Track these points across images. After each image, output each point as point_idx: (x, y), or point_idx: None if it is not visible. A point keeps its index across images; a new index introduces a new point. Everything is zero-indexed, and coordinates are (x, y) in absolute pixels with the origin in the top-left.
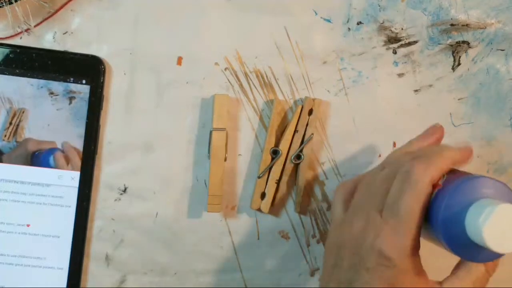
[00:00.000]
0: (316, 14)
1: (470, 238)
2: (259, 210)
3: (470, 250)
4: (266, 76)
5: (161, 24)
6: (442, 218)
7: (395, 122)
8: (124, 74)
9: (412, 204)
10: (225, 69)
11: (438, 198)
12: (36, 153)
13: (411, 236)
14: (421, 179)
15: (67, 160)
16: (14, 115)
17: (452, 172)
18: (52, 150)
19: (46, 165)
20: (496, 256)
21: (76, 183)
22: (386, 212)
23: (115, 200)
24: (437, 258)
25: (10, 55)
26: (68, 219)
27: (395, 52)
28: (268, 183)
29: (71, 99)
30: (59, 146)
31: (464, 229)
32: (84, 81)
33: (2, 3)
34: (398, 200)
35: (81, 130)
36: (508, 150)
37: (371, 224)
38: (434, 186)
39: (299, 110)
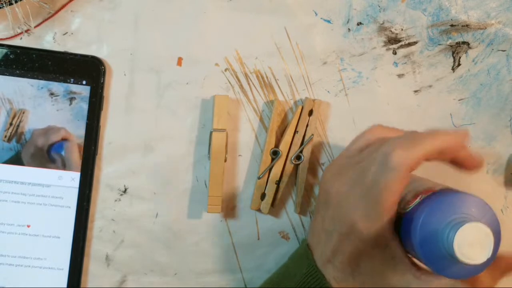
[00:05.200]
0: (316, 14)
1: (446, 255)
2: (259, 210)
3: (448, 267)
4: (266, 77)
5: (161, 25)
6: (420, 235)
7: (395, 123)
8: (124, 74)
9: (387, 195)
10: (225, 69)
11: (416, 213)
12: (50, 147)
13: (385, 224)
14: (399, 167)
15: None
16: (14, 115)
17: (432, 187)
18: (64, 144)
19: (58, 157)
20: (472, 272)
21: (76, 183)
22: (365, 194)
23: (115, 200)
24: None
25: (11, 56)
26: (68, 219)
27: (395, 53)
28: (268, 183)
29: (71, 99)
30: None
31: (440, 246)
32: (84, 82)
33: (2, 4)
34: (374, 188)
35: (82, 131)
36: (508, 151)
37: (352, 197)
38: (416, 195)
39: (299, 110)
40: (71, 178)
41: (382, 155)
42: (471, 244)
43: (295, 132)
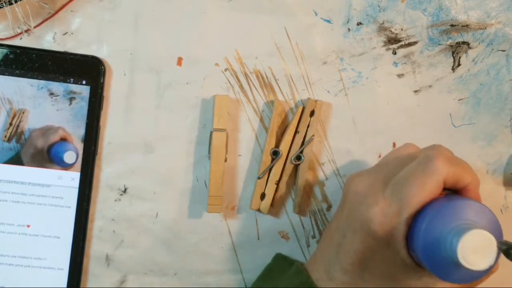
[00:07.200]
0: (316, 14)
1: (449, 260)
2: (259, 210)
3: (451, 272)
4: (266, 77)
5: (161, 25)
6: (423, 240)
7: (395, 123)
8: (124, 74)
9: (416, 192)
10: (225, 69)
11: (420, 219)
12: (50, 147)
13: (402, 221)
14: (438, 171)
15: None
16: (14, 115)
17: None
18: (64, 146)
19: (59, 160)
20: (475, 278)
21: (76, 183)
22: (389, 188)
23: (115, 200)
24: None
25: (10, 56)
26: (68, 219)
27: (395, 53)
28: (268, 183)
29: (71, 99)
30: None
31: (443, 252)
32: (84, 82)
33: (2, 3)
34: (405, 182)
35: (81, 131)
36: (508, 151)
37: (371, 193)
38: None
39: (300, 111)
40: (71, 178)
41: (425, 157)
42: (474, 250)
43: (296, 132)
